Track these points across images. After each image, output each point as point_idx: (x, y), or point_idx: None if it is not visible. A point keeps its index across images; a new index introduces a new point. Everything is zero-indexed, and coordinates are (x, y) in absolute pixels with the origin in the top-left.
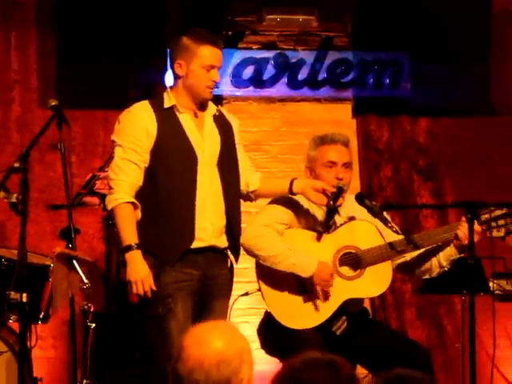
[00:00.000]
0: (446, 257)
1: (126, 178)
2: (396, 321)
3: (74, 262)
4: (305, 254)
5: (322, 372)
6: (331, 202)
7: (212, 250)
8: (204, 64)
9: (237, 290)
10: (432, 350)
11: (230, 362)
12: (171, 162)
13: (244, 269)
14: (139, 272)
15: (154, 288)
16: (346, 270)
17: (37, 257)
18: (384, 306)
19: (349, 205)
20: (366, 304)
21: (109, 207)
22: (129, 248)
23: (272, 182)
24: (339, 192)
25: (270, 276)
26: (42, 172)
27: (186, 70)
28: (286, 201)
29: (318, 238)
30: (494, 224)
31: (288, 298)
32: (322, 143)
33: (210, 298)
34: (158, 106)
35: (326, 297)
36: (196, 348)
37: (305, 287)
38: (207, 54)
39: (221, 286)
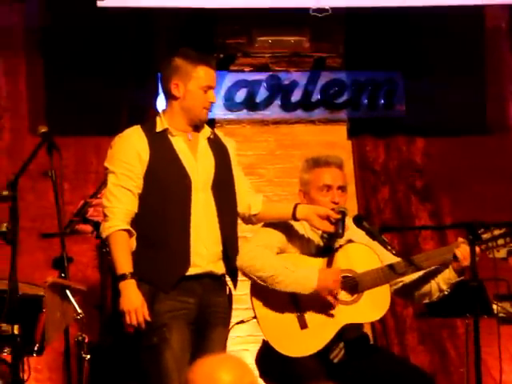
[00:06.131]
0: (445, 280)
1: (120, 204)
2: (398, 346)
3: (67, 291)
4: (303, 268)
5: None
6: (340, 231)
7: (209, 276)
8: (201, 85)
9: (234, 317)
10: (436, 376)
11: None
12: (164, 186)
13: (242, 295)
14: (132, 302)
15: (148, 318)
16: (343, 295)
17: (30, 287)
18: (386, 331)
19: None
20: (367, 329)
21: (103, 235)
22: (123, 277)
23: (274, 206)
24: (343, 217)
25: (266, 303)
26: (33, 201)
27: (183, 90)
28: (281, 225)
29: (314, 263)
30: (493, 244)
31: (284, 325)
32: (315, 166)
33: (207, 327)
34: (150, 130)
35: (330, 314)
36: (204, 383)
37: (301, 311)
38: (203, 74)
39: (218, 313)
